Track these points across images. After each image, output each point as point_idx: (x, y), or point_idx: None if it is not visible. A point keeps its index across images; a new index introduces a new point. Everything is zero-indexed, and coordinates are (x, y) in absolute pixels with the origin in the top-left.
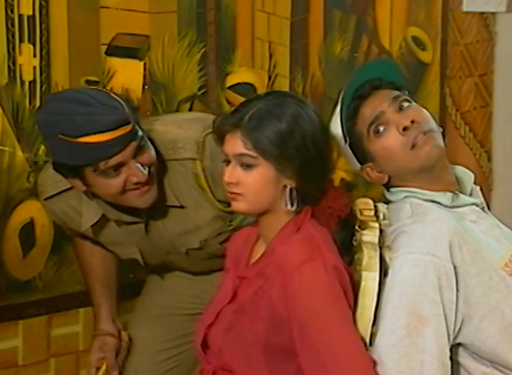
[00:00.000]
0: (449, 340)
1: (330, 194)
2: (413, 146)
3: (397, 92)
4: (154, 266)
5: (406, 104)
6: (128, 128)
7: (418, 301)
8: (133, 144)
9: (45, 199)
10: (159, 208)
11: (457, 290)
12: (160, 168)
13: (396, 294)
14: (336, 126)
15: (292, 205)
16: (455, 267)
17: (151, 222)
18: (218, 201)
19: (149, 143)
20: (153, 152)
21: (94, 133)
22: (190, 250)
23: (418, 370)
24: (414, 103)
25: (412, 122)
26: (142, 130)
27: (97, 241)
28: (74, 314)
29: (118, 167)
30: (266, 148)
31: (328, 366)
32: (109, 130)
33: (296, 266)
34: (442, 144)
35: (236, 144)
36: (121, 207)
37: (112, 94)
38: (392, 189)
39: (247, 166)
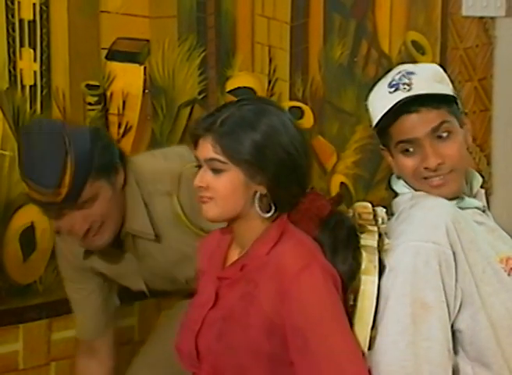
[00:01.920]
0: (450, 321)
1: (308, 198)
2: (426, 178)
3: (441, 118)
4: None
5: (445, 134)
6: (56, 198)
7: (421, 289)
8: (71, 206)
9: (57, 233)
10: (137, 241)
11: (456, 273)
12: (140, 199)
13: (400, 282)
14: (373, 100)
15: (264, 211)
16: (454, 254)
17: (140, 251)
18: (203, 230)
19: (106, 194)
20: (104, 205)
21: (32, 183)
22: (190, 279)
23: (424, 357)
24: (453, 133)
25: (439, 163)
26: (115, 171)
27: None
28: (74, 318)
29: (59, 214)
30: (235, 153)
31: (327, 373)
32: (38, 192)
33: (295, 274)
34: (460, 182)
35: (206, 148)
36: None
37: (69, 155)
38: (401, 180)
39: (217, 171)
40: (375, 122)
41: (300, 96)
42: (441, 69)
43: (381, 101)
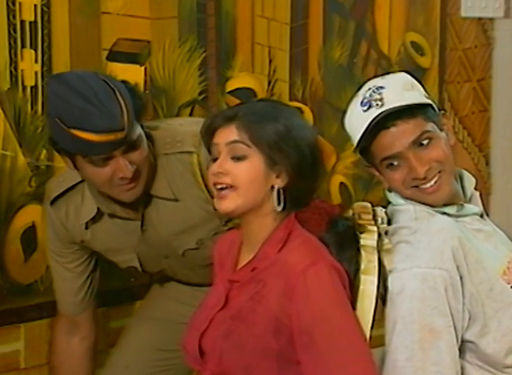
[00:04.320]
0: (457, 346)
1: (317, 199)
2: (417, 186)
3: (419, 129)
4: (153, 273)
5: (425, 142)
6: (120, 135)
7: (429, 315)
8: (123, 147)
9: (51, 204)
10: (154, 203)
11: (463, 296)
12: (157, 162)
13: (407, 308)
14: (349, 122)
15: (279, 204)
16: (461, 278)
17: (146, 220)
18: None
19: (144, 142)
20: (145, 152)
21: (86, 130)
22: (187, 251)
23: None
24: (434, 139)
25: (426, 170)
26: (142, 127)
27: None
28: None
29: (106, 159)
30: (260, 137)
31: (335, 371)
32: (100, 133)
33: (301, 271)
34: (451, 183)
35: (229, 132)
36: (116, 202)
37: (117, 93)
38: (394, 193)
39: (238, 159)
40: (355, 143)
41: (299, 97)
42: (409, 77)
43: (357, 122)
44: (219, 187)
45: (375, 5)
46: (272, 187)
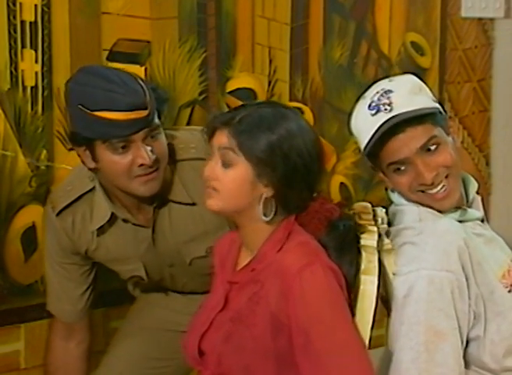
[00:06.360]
0: (462, 346)
1: (317, 201)
2: (424, 191)
3: (427, 134)
4: (153, 282)
5: (433, 147)
6: (143, 113)
7: (435, 317)
8: (147, 130)
9: (58, 214)
10: (167, 210)
11: (469, 298)
12: (172, 167)
13: (413, 310)
14: (356, 124)
15: (265, 215)
16: (467, 279)
17: (157, 228)
18: None
19: (163, 137)
20: (165, 145)
21: (110, 110)
22: (195, 259)
23: None
24: (442, 144)
25: (434, 175)
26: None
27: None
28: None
29: (126, 146)
30: (249, 149)
31: (332, 371)
32: (124, 111)
33: (296, 272)
34: (460, 187)
35: (222, 137)
36: (129, 208)
37: (139, 80)
38: (397, 193)
39: (227, 165)
40: (362, 146)
41: (300, 97)
42: (417, 79)
43: (364, 125)
44: (207, 191)
45: (375, 5)
46: (261, 195)
